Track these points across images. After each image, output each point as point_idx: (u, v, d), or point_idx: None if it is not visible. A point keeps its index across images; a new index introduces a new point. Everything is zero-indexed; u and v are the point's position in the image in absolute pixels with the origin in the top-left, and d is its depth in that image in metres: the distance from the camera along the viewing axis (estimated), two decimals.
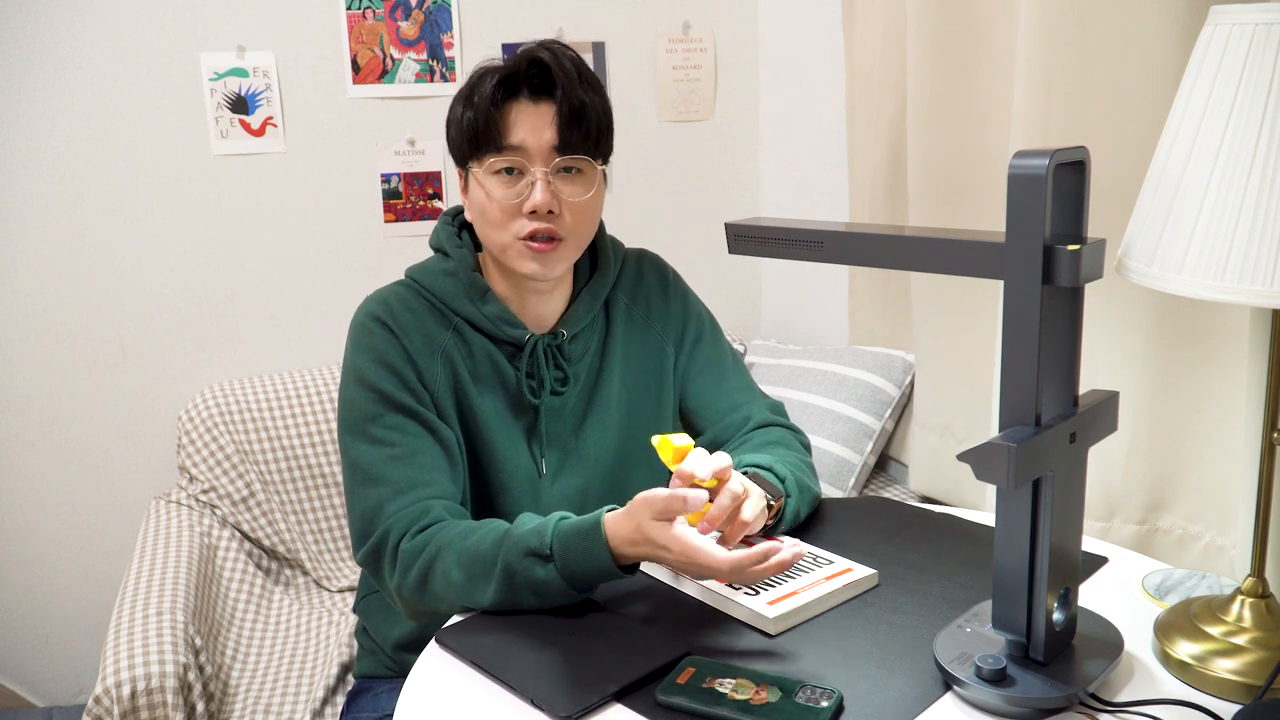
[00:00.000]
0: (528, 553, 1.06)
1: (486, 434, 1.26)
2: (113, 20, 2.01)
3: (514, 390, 1.27)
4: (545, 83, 1.19)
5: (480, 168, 1.21)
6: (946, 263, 0.90)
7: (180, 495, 2.01)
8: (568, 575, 1.05)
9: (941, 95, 1.77)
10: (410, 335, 1.23)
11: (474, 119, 1.20)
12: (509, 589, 1.07)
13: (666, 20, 2.40)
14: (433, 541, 1.13)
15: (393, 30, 2.18)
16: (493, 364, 1.26)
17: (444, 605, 1.13)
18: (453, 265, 1.27)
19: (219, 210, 2.14)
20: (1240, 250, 0.85)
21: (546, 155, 1.19)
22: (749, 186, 2.57)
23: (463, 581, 1.09)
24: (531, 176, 1.19)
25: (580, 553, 1.05)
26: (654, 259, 1.42)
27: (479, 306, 1.25)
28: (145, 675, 1.45)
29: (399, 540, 1.15)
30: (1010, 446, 0.79)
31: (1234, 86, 0.86)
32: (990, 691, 0.88)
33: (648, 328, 1.36)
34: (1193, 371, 1.42)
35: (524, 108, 1.19)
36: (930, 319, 1.94)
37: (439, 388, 1.23)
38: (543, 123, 1.19)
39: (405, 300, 1.25)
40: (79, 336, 2.11)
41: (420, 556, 1.13)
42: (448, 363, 1.24)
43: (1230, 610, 0.98)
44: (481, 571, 1.09)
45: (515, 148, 1.19)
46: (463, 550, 1.10)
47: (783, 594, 1.07)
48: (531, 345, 1.26)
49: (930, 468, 2.00)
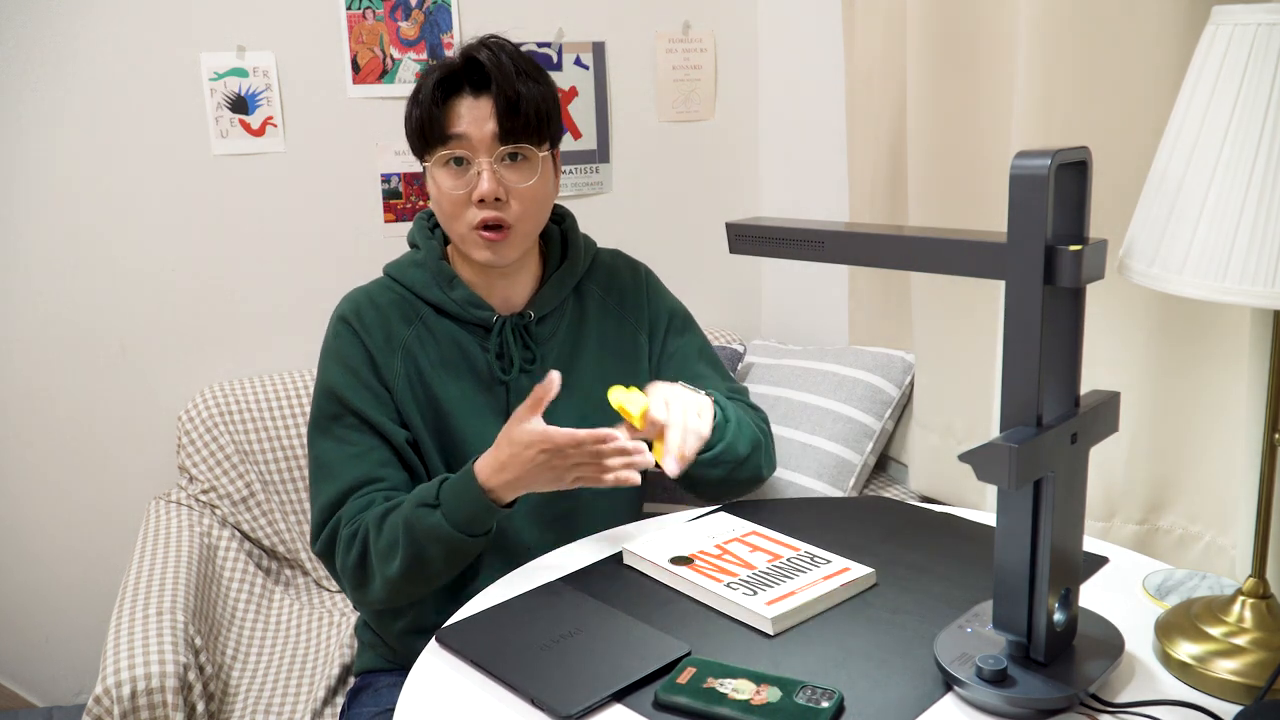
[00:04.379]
0: (420, 504, 1.20)
1: (454, 419, 1.33)
2: (113, 20, 2.01)
3: (483, 371, 1.35)
4: (482, 78, 1.28)
5: (431, 161, 1.30)
6: (947, 263, 0.90)
7: (180, 495, 2.01)
8: (450, 515, 1.17)
9: (941, 95, 1.77)
10: (372, 333, 1.33)
11: (421, 115, 1.29)
12: (411, 543, 1.19)
13: (666, 20, 2.40)
14: (364, 523, 1.24)
15: (393, 30, 2.18)
16: (460, 349, 1.35)
17: (379, 583, 1.23)
18: (422, 256, 1.37)
19: (219, 210, 2.14)
20: (1241, 251, 0.85)
21: (490, 145, 1.27)
22: (749, 186, 2.57)
23: (387, 549, 1.20)
24: (477, 167, 1.27)
25: (457, 491, 1.18)
26: (627, 257, 1.50)
27: (447, 292, 1.34)
28: (145, 675, 1.45)
29: (343, 528, 1.27)
30: (1011, 447, 0.79)
31: (1236, 87, 0.86)
32: (991, 692, 0.88)
33: (621, 318, 1.43)
34: (1194, 372, 1.42)
35: (466, 102, 1.28)
36: (930, 319, 1.94)
37: (399, 384, 1.32)
38: (483, 115, 1.27)
39: (374, 298, 1.35)
40: (79, 336, 2.11)
41: (356, 536, 1.24)
42: (409, 357, 1.33)
43: (1231, 611, 0.98)
44: (394, 537, 1.20)
45: (459, 137, 1.27)
46: (386, 522, 1.22)
47: (781, 594, 1.07)
48: (500, 325, 1.34)
49: (930, 468, 2.00)
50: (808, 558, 1.16)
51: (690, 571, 1.13)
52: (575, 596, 1.11)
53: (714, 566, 1.14)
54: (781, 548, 1.19)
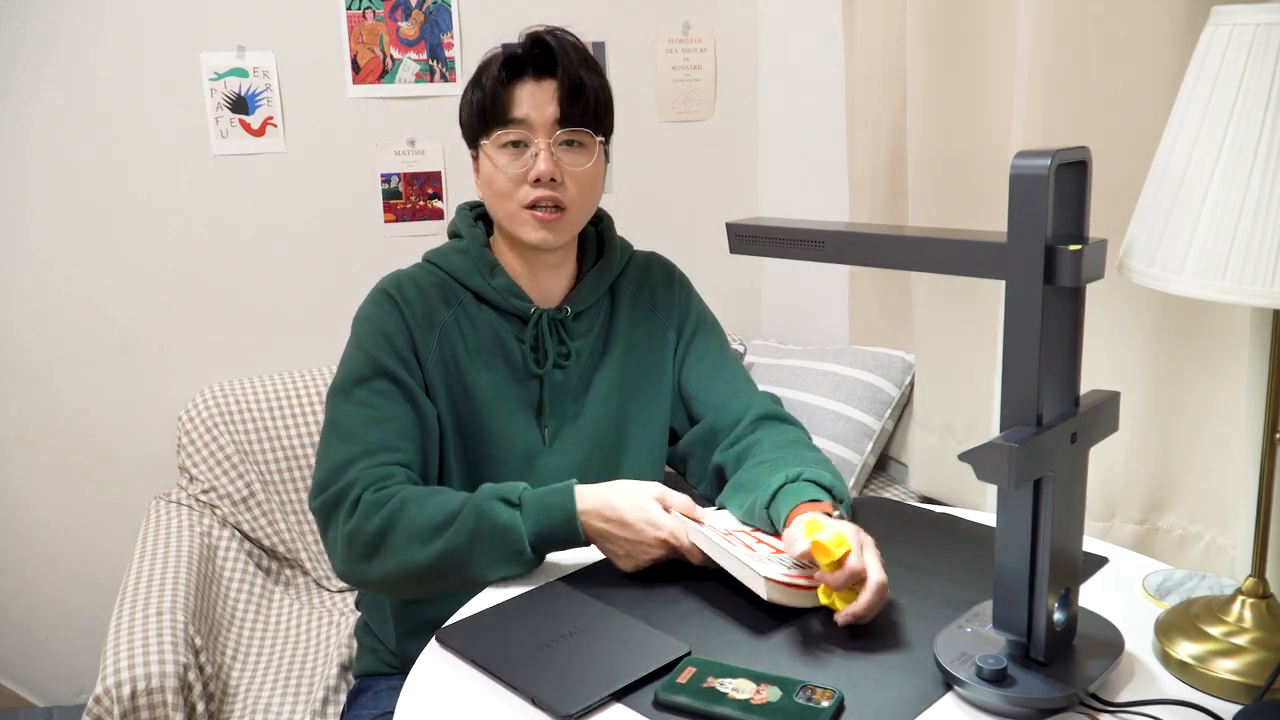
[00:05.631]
0: (497, 496, 1.15)
1: (481, 407, 1.32)
2: (113, 20, 2.01)
3: (517, 363, 1.34)
4: (547, 62, 1.29)
5: (489, 141, 1.29)
6: (947, 263, 0.90)
7: (180, 495, 2.01)
8: (529, 519, 1.14)
9: (941, 95, 1.77)
10: (413, 308, 1.31)
11: (483, 98, 1.29)
12: (463, 531, 1.14)
13: (666, 20, 2.40)
14: (398, 495, 1.19)
15: (393, 30, 2.18)
16: (497, 338, 1.33)
17: (391, 561, 1.17)
18: (464, 244, 1.36)
19: (219, 210, 2.14)
20: (1241, 250, 0.85)
21: (549, 128, 1.28)
22: (749, 186, 2.57)
23: (426, 529, 1.16)
24: (535, 148, 1.27)
25: (545, 502, 1.14)
26: (662, 259, 1.49)
27: (488, 280, 1.33)
28: (145, 675, 1.45)
29: (362, 492, 1.20)
30: (1011, 447, 0.79)
31: (1235, 87, 0.86)
32: (991, 691, 0.88)
33: (652, 315, 1.42)
34: (1193, 372, 1.42)
35: (528, 86, 1.29)
36: (930, 319, 1.94)
37: (431, 362, 1.30)
38: (545, 98, 1.28)
39: (416, 279, 1.33)
40: (79, 336, 2.11)
41: (384, 507, 1.18)
42: (445, 339, 1.31)
43: (1231, 610, 0.98)
44: (445, 521, 1.15)
45: (520, 121, 1.27)
46: (430, 503, 1.17)
47: (794, 575, 1.06)
48: (537, 318, 1.33)
49: (930, 468, 2.00)
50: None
51: (696, 524, 1.12)
52: (575, 596, 1.11)
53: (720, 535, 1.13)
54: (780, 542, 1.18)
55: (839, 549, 1.01)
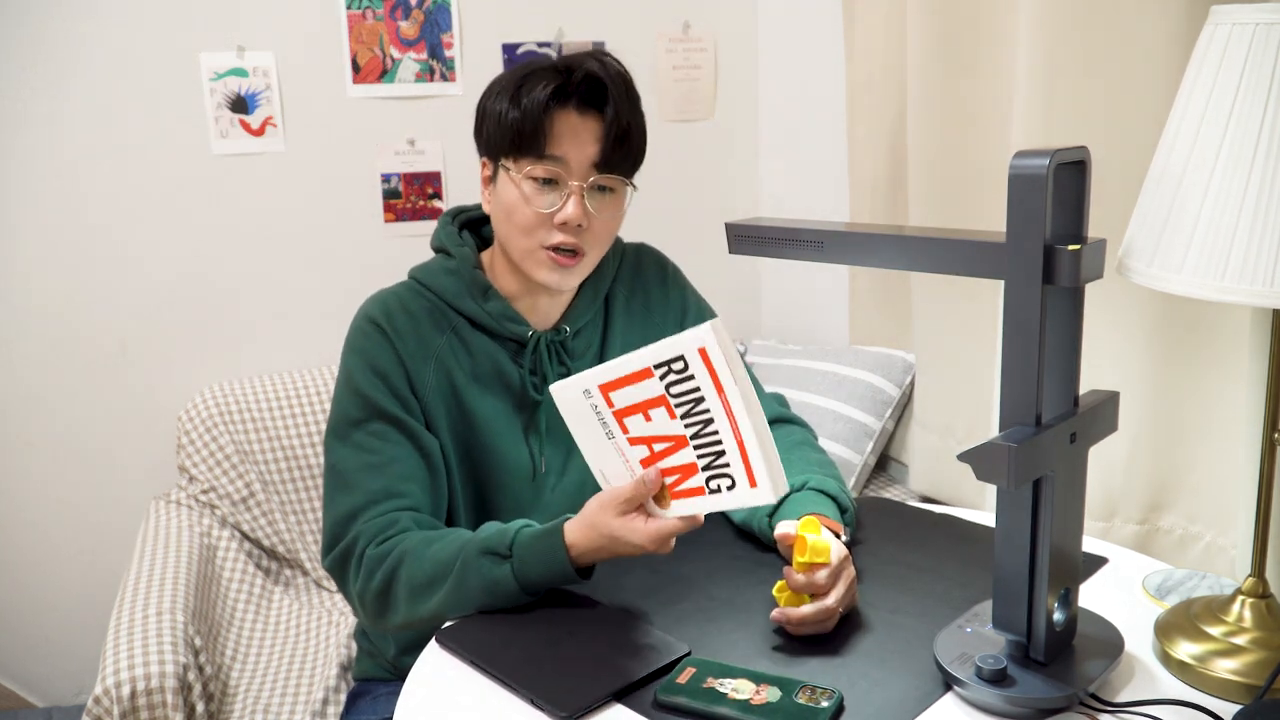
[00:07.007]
0: (485, 551, 1.09)
1: (485, 434, 1.26)
2: (113, 20, 2.01)
3: (516, 388, 1.28)
4: (596, 97, 1.20)
5: (516, 169, 1.20)
6: (946, 263, 0.90)
7: (180, 495, 2.01)
8: (521, 575, 1.08)
9: (941, 95, 1.77)
10: (405, 339, 1.23)
11: (519, 120, 1.18)
12: (459, 589, 1.09)
13: (666, 20, 2.40)
14: (397, 548, 1.14)
15: (393, 30, 2.18)
16: (494, 363, 1.27)
17: (400, 615, 1.14)
18: (455, 264, 1.27)
19: (219, 210, 2.14)
20: (1240, 250, 0.85)
21: (585, 171, 1.19)
22: (749, 186, 2.56)
23: (423, 584, 1.11)
24: (567, 189, 1.19)
25: (537, 554, 1.08)
26: (653, 251, 1.42)
27: (481, 304, 1.26)
28: (145, 675, 1.45)
29: (365, 547, 1.16)
30: (1011, 447, 0.79)
31: (1234, 86, 0.86)
32: (991, 692, 0.88)
33: (647, 318, 1.37)
34: (1193, 371, 1.42)
35: (571, 119, 1.19)
36: (930, 319, 1.94)
37: (429, 394, 1.23)
38: (588, 137, 1.19)
39: (405, 302, 1.25)
40: (79, 336, 2.10)
41: (384, 562, 1.14)
42: (441, 368, 1.24)
43: (1230, 610, 0.98)
44: (441, 574, 1.11)
45: (557, 159, 1.18)
46: (426, 556, 1.12)
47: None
48: (535, 342, 1.27)
49: (930, 468, 2.00)
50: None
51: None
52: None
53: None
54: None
55: (815, 557, 1.01)
